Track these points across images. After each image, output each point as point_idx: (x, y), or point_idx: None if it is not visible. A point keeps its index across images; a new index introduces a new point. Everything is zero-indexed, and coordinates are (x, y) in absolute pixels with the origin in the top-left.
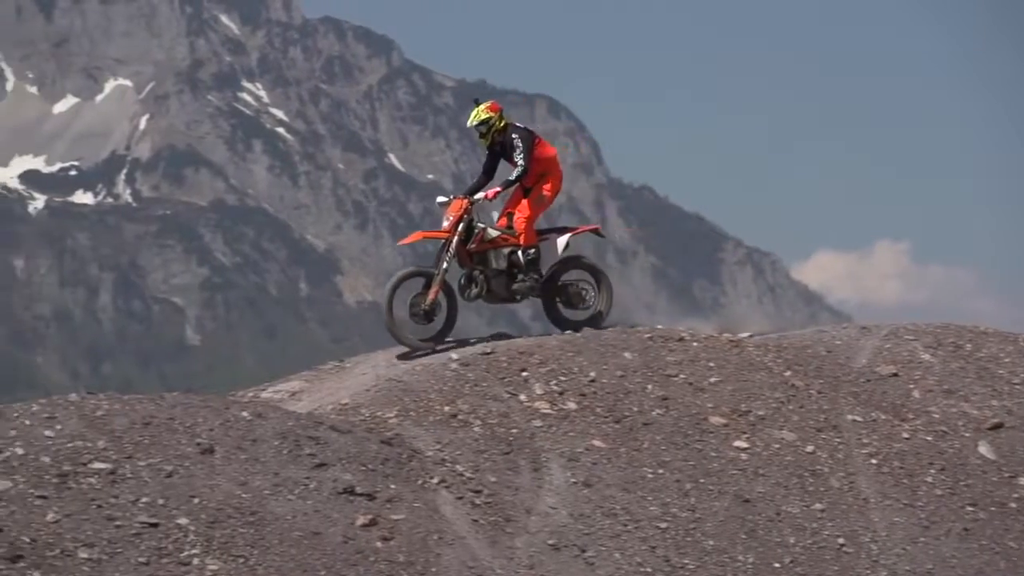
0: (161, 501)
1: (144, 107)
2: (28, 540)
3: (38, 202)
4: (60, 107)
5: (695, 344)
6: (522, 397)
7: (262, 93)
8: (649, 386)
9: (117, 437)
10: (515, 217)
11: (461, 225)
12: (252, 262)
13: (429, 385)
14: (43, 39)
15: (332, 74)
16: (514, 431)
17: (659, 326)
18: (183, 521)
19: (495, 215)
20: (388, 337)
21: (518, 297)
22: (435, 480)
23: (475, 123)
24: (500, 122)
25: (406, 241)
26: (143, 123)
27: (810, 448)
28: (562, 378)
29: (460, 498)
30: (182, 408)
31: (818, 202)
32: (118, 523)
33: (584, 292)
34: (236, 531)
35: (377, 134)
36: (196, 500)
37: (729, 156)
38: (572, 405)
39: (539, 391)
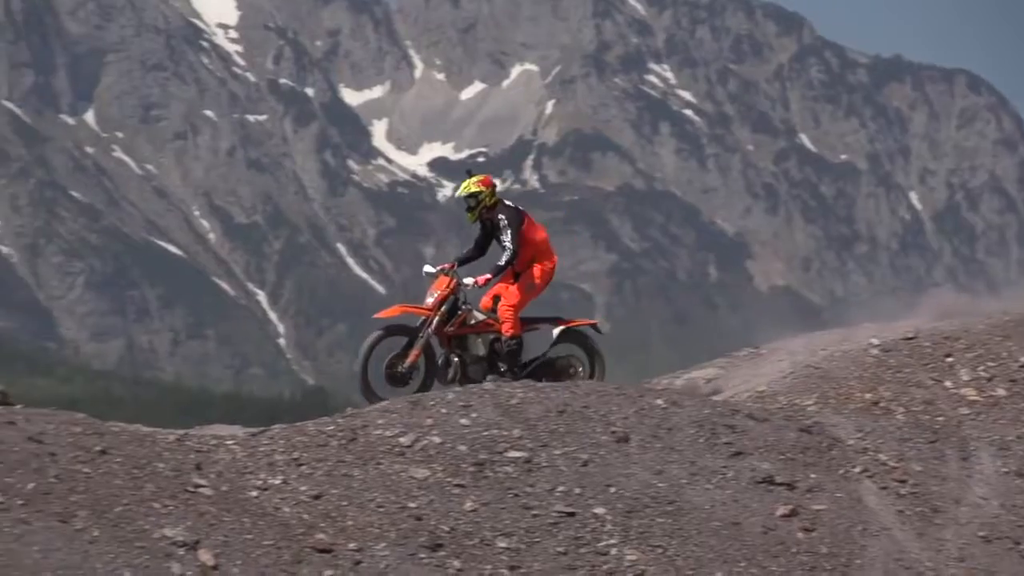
0: (577, 490)
1: (550, 92)
2: (447, 529)
3: (447, 189)
4: (467, 93)
5: None
6: (947, 383)
7: (669, 75)
8: None
9: (532, 425)
10: (500, 304)
11: (445, 306)
12: (661, 247)
13: (849, 372)
14: (450, 26)
15: (741, 53)
16: (940, 419)
17: None
18: (600, 511)
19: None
20: (803, 323)
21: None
22: (857, 469)
23: (464, 195)
24: (490, 199)
25: (384, 314)
26: (549, 108)
27: None
28: (990, 363)
29: (884, 488)
30: (596, 396)
31: None
32: (535, 512)
33: (572, 370)
34: (653, 521)
35: (788, 114)
36: (612, 489)
37: None
38: (1002, 391)
39: (966, 377)
